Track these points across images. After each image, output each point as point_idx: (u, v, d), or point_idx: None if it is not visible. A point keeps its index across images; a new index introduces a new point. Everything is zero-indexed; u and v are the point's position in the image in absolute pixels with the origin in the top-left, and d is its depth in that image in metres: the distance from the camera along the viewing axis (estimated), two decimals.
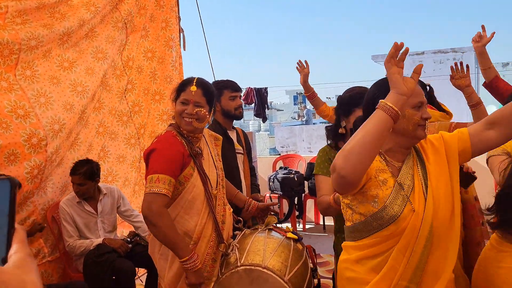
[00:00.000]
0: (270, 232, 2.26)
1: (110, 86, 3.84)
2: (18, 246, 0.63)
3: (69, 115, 3.32)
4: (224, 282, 2.06)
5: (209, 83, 2.22)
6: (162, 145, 2.03)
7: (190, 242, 2.06)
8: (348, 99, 2.18)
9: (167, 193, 1.95)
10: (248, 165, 3.08)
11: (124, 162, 4.07)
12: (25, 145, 2.96)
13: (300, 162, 6.67)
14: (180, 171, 2.03)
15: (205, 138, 2.27)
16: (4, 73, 2.96)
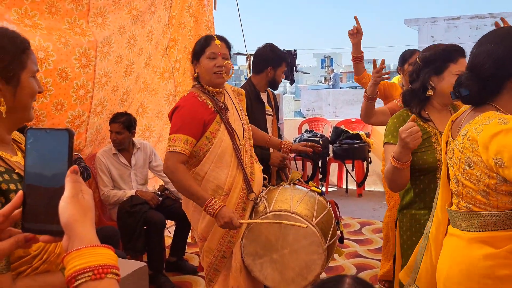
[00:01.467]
0: (295, 186, 2.37)
1: (156, 42, 3.91)
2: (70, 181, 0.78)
3: (116, 68, 3.39)
4: (255, 228, 2.18)
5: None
6: (181, 106, 2.14)
7: (222, 193, 2.17)
8: (442, 53, 1.89)
9: (183, 151, 2.07)
10: (276, 126, 3.16)
11: (162, 118, 4.19)
12: (72, 95, 3.06)
13: (326, 126, 6.69)
14: (202, 130, 2.13)
15: (228, 93, 2.34)
16: (77, 19, 3.00)
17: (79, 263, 0.70)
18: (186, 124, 2.10)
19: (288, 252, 2.12)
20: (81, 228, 0.74)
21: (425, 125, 1.91)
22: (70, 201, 0.76)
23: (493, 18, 11.52)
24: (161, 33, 3.94)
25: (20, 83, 1.11)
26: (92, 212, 0.78)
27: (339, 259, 3.87)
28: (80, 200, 0.77)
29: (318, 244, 2.12)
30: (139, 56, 3.67)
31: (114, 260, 0.73)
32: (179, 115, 2.12)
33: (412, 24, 13.23)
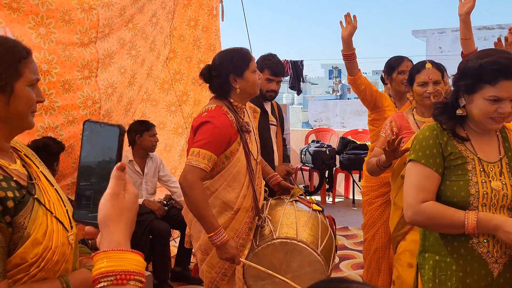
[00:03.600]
0: (297, 203, 2.34)
1: (158, 53, 3.96)
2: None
3: (121, 79, 3.42)
4: (259, 253, 2.16)
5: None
6: (212, 121, 2.07)
7: (230, 212, 2.15)
8: (477, 69, 1.50)
9: (205, 168, 2.03)
10: (281, 136, 3.16)
11: (164, 128, 4.23)
12: (80, 106, 3.10)
13: (333, 136, 6.68)
14: (225, 148, 2.10)
15: (247, 110, 2.33)
16: (88, 29, 3.04)
17: (104, 266, 0.70)
18: (214, 142, 2.05)
19: (291, 277, 2.10)
20: (114, 228, 0.74)
21: (461, 147, 1.57)
22: (109, 198, 0.75)
23: (501, 29, 11.48)
24: (162, 44, 4.00)
25: (15, 92, 1.11)
26: (131, 213, 0.78)
27: (345, 270, 3.85)
28: (120, 199, 0.76)
29: (321, 272, 2.13)
30: (141, 67, 3.72)
31: (140, 267, 0.72)
32: (208, 130, 2.06)
33: (419, 35, 13.23)
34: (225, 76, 2.14)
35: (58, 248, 1.13)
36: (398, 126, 2.40)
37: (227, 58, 2.17)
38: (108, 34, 3.20)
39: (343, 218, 5.23)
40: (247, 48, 2.26)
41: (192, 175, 2.02)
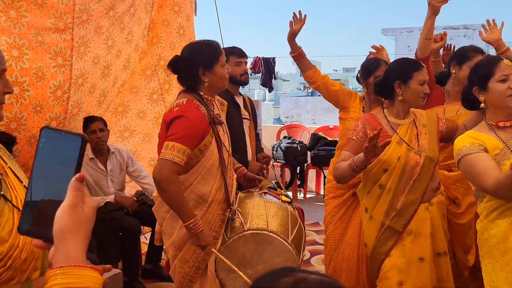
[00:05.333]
0: (266, 195, 2.37)
1: (136, 45, 3.86)
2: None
3: (93, 69, 3.32)
4: (231, 245, 2.18)
5: None
6: (186, 115, 2.05)
7: (205, 205, 2.15)
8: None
9: (180, 162, 2.02)
10: (254, 131, 3.15)
11: (144, 118, 4.10)
12: (50, 96, 3.00)
13: (304, 133, 6.73)
14: (198, 142, 2.09)
15: (216, 102, 2.32)
16: (63, 14, 2.91)
17: (59, 282, 0.67)
18: (188, 136, 2.04)
19: (262, 268, 2.13)
20: (71, 242, 0.70)
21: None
22: (67, 210, 0.72)
23: (466, 29, 11.82)
24: (141, 36, 3.90)
25: None
26: (88, 227, 0.74)
27: (316, 264, 3.88)
28: (79, 211, 0.73)
29: (292, 261, 2.16)
30: (117, 58, 3.62)
31: (97, 284, 0.69)
32: (182, 124, 2.04)
33: (389, 34, 13.45)
34: (194, 69, 2.13)
35: (26, 246, 1.08)
36: (372, 129, 2.17)
37: (196, 50, 2.15)
38: (87, 20, 3.10)
39: (314, 213, 5.28)
40: (218, 42, 2.24)
41: (167, 170, 2.00)
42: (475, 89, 1.86)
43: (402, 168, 2.15)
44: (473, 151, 1.73)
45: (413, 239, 2.18)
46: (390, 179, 2.16)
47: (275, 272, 0.70)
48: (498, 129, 1.81)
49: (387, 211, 2.18)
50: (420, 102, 2.22)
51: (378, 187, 2.19)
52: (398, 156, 2.15)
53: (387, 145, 1.93)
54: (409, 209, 2.17)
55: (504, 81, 1.77)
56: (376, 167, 2.17)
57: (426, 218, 2.20)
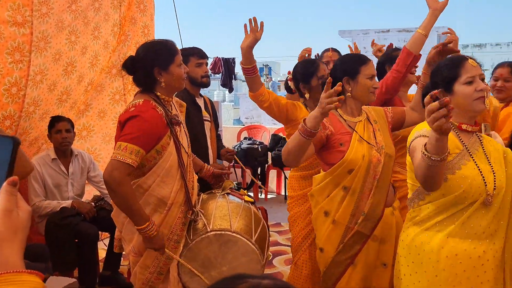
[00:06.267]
0: (228, 196, 2.35)
1: (105, 42, 3.73)
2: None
3: (53, 66, 3.19)
4: (194, 247, 2.13)
5: None
6: (141, 115, 2.00)
7: (164, 208, 2.09)
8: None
9: (132, 163, 1.95)
10: (214, 133, 3.12)
11: (104, 117, 3.99)
12: (4, 94, 2.85)
13: (264, 133, 6.75)
14: (155, 143, 2.03)
15: (174, 103, 2.28)
16: (21, 6, 2.76)
17: None
18: (142, 136, 1.97)
19: (227, 270, 2.11)
20: (7, 249, 0.67)
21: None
22: (1, 215, 0.68)
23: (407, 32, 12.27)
24: (110, 33, 3.78)
25: None
26: (24, 232, 0.70)
27: (278, 265, 3.89)
28: (14, 216, 0.69)
29: (257, 261, 2.15)
30: (83, 55, 3.49)
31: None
32: (136, 124, 1.98)
33: (345, 36, 13.72)
34: (149, 69, 2.08)
35: None
36: (333, 125, 2.10)
37: (151, 50, 2.11)
38: (47, 14, 2.96)
39: (276, 214, 5.29)
40: (175, 42, 2.20)
41: (118, 171, 1.94)
42: (440, 92, 1.70)
43: (367, 167, 2.05)
44: (427, 134, 1.58)
45: (378, 246, 2.12)
46: (355, 180, 2.05)
47: (226, 280, 0.68)
48: (460, 131, 1.74)
49: (353, 214, 2.07)
50: (371, 97, 2.14)
51: (341, 189, 2.07)
52: (362, 155, 2.05)
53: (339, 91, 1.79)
54: (376, 211, 2.08)
55: (471, 83, 1.67)
56: (340, 168, 2.05)
57: (392, 224, 2.15)
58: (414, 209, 1.76)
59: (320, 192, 2.14)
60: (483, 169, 1.66)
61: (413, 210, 1.78)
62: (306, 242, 2.60)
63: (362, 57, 2.21)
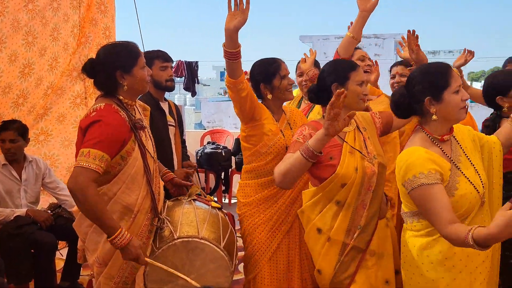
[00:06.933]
0: (195, 202, 2.31)
1: (65, 44, 3.58)
2: None
3: (9, 67, 3.04)
4: (160, 256, 2.07)
5: None
6: (103, 119, 1.93)
7: (130, 216, 2.03)
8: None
9: (97, 169, 1.88)
10: (179, 138, 3.06)
11: (63, 121, 3.85)
12: None
13: (228, 138, 6.71)
14: (119, 149, 1.97)
15: (137, 107, 2.21)
16: None
17: None
18: (106, 141, 1.89)
19: (194, 278, 2.05)
20: None
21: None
22: None
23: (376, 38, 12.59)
24: (70, 34, 3.65)
25: None
26: None
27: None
28: None
29: (225, 268, 2.12)
30: (41, 57, 3.34)
31: None
32: (99, 129, 1.90)
33: (306, 41, 13.91)
34: (111, 72, 2.01)
35: None
36: None
37: (113, 52, 2.04)
38: (1, 12, 2.83)
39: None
40: (137, 44, 2.14)
41: (83, 178, 1.85)
42: (428, 100, 1.70)
43: (361, 180, 1.93)
44: (430, 181, 1.60)
45: (377, 261, 1.99)
46: (350, 194, 1.93)
47: None
48: (441, 142, 1.73)
49: (348, 229, 1.94)
50: (361, 104, 2.05)
51: (335, 204, 1.95)
52: (355, 167, 1.93)
53: (352, 118, 1.74)
54: (371, 223, 1.98)
55: (458, 92, 1.69)
56: (332, 183, 1.93)
57: (387, 236, 2.05)
58: (416, 224, 1.75)
59: (311, 208, 2.00)
60: (472, 178, 1.71)
61: (415, 225, 1.76)
62: (266, 256, 2.39)
63: (352, 62, 2.13)
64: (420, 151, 1.68)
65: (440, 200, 1.58)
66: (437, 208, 1.57)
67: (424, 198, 1.61)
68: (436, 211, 1.57)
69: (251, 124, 2.40)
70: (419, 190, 1.62)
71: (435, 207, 1.57)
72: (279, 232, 2.39)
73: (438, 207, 1.57)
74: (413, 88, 1.75)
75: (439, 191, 1.60)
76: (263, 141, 2.36)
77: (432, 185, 1.60)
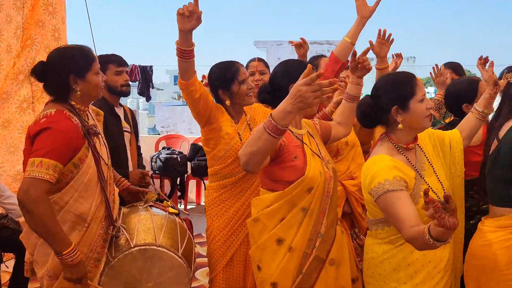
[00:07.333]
0: (152, 208, 2.27)
1: (8, 46, 3.40)
2: None
3: None
4: (116, 265, 2.01)
5: None
6: (54, 126, 1.84)
7: (84, 225, 1.95)
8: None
9: (51, 179, 1.80)
10: (135, 144, 2.99)
11: (8, 127, 3.67)
12: None
13: (183, 143, 6.64)
14: (71, 156, 1.89)
15: (90, 113, 2.14)
16: None
17: None
18: (58, 149, 1.81)
19: (152, 286, 2.03)
20: None
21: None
22: None
23: (329, 44, 12.88)
24: (13, 36, 3.48)
25: None
26: None
27: (201, 278, 3.81)
28: None
29: (184, 275, 2.10)
30: None
31: None
32: (50, 137, 1.81)
33: (260, 46, 14.01)
34: (64, 76, 1.94)
35: None
36: (285, 138, 1.86)
37: (67, 56, 1.97)
38: None
39: (196, 225, 5.14)
40: (90, 47, 2.08)
41: (35, 190, 1.76)
42: (395, 109, 1.72)
43: (324, 184, 1.86)
44: (395, 187, 1.60)
45: (336, 269, 1.92)
46: (314, 199, 1.84)
47: None
48: (406, 151, 1.75)
49: (310, 238, 1.84)
50: (314, 108, 2.07)
51: (300, 211, 1.82)
52: (319, 171, 1.86)
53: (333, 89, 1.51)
54: (331, 231, 1.92)
55: (423, 100, 1.72)
56: (299, 188, 1.82)
57: (344, 243, 2.01)
58: (381, 231, 1.76)
59: (270, 216, 1.85)
60: (434, 186, 1.75)
61: (379, 232, 1.77)
62: (222, 262, 2.38)
63: (304, 63, 2.04)
64: (385, 159, 1.70)
65: (405, 206, 1.58)
66: (403, 213, 1.56)
67: (390, 204, 1.61)
68: (401, 216, 1.56)
69: (208, 127, 2.34)
70: (385, 196, 1.62)
71: (400, 213, 1.57)
72: (236, 238, 2.37)
73: (403, 212, 1.57)
74: (379, 98, 1.77)
75: (404, 197, 1.60)
76: (221, 144, 2.33)
77: (397, 191, 1.60)
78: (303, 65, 1.95)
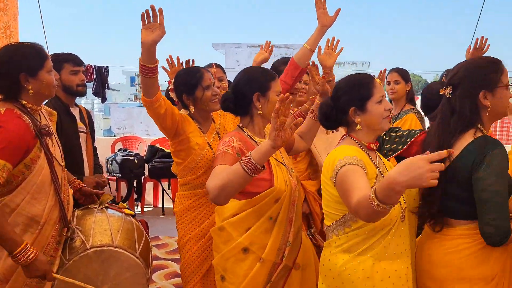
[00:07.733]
0: (107, 210, 2.25)
1: None
2: None
3: None
4: (71, 268, 1.98)
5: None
6: (3, 125, 1.80)
7: (36, 228, 1.91)
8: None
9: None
10: (91, 145, 2.94)
11: None
12: None
13: (140, 144, 6.55)
14: (22, 156, 1.85)
15: (43, 112, 2.10)
16: None
17: None
18: (7, 149, 1.77)
19: (109, 287, 2.01)
20: None
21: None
22: None
23: (286, 48, 13.11)
24: None
25: None
26: None
27: (158, 280, 3.79)
28: None
29: (142, 275, 2.09)
30: None
31: None
32: (0, 136, 1.77)
33: (219, 48, 14.05)
34: (14, 75, 1.89)
35: None
36: (246, 148, 1.84)
37: (18, 54, 1.92)
38: None
39: (154, 227, 5.14)
40: (42, 45, 2.04)
41: None
42: (353, 110, 1.72)
43: (290, 194, 1.87)
44: (354, 162, 1.58)
45: (302, 274, 1.94)
46: (282, 209, 1.85)
47: None
48: (368, 150, 1.74)
49: (280, 247, 1.85)
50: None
51: (267, 220, 1.83)
52: (285, 181, 1.87)
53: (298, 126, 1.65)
54: (298, 237, 1.93)
55: (381, 102, 1.71)
56: (267, 199, 1.82)
57: (310, 247, 2.03)
58: (340, 237, 1.69)
59: (236, 225, 1.85)
60: None
61: (338, 238, 1.69)
62: (199, 272, 2.33)
63: (270, 71, 2.05)
64: (350, 148, 1.70)
65: (360, 178, 1.53)
66: (356, 184, 1.51)
67: (347, 175, 1.56)
68: (355, 186, 1.51)
69: (177, 139, 2.31)
70: (343, 170, 1.58)
71: (354, 182, 1.52)
72: (211, 251, 2.23)
73: (357, 182, 1.52)
74: (338, 99, 1.76)
75: (361, 173, 1.56)
76: (191, 155, 2.28)
77: (355, 165, 1.57)
78: (266, 73, 2.01)
